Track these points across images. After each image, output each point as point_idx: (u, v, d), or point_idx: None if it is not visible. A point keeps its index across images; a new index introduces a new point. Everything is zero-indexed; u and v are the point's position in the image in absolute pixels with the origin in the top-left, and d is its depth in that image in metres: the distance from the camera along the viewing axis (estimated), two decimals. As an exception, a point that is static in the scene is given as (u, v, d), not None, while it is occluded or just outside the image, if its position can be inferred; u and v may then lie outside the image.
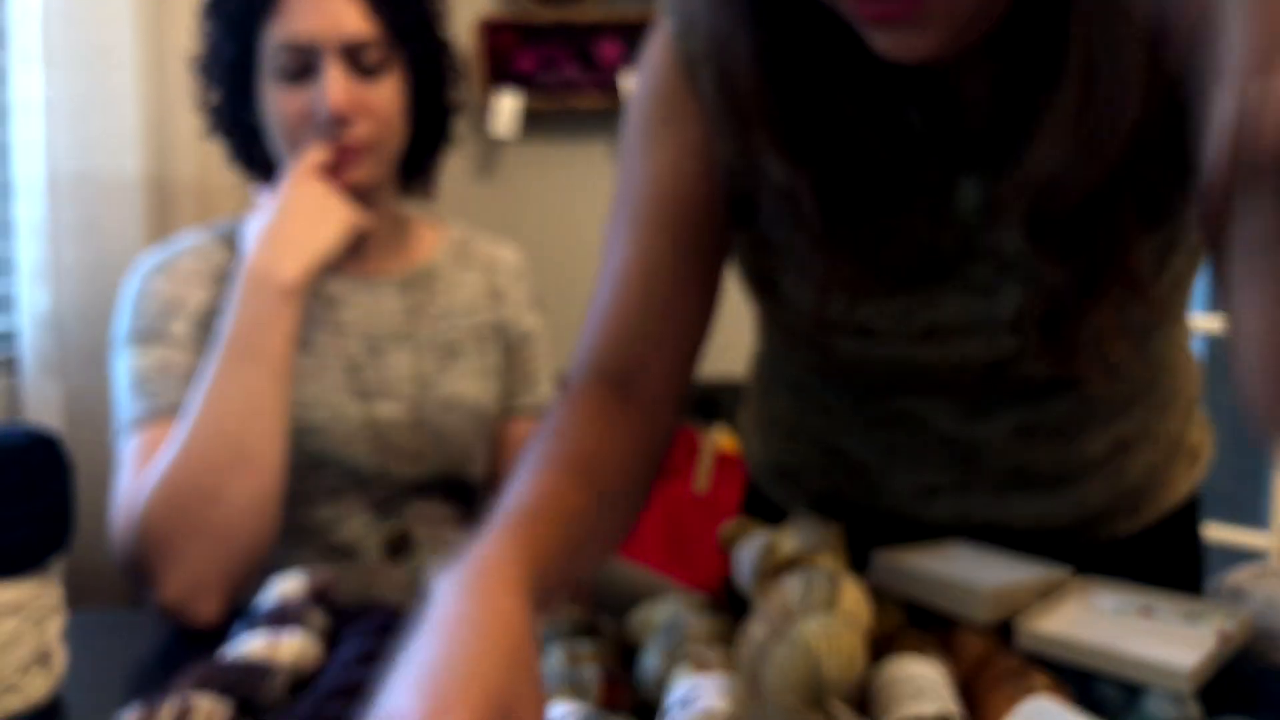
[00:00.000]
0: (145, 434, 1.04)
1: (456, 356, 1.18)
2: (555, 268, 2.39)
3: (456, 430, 1.16)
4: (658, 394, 0.79)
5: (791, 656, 0.57)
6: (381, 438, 1.12)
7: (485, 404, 1.19)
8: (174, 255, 1.13)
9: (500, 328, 1.22)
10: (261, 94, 1.09)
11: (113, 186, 1.56)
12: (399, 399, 1.14)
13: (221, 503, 0.96)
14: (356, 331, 1.15)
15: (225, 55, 1.08)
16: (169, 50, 1.70)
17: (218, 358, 1.00)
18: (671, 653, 0.71)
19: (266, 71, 1.07)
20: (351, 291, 1.16)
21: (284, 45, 1.04)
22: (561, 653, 0.73)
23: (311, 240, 1.04)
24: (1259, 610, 0.75)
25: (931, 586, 0.79)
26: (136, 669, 0.89)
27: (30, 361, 1.52)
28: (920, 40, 0.63)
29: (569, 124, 2.35)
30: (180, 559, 0.94)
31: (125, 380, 1.07)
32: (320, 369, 1.12)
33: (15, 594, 0.75)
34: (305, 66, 1.05)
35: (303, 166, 1.07)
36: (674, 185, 0.77)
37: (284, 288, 1.01)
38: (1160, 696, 0.67)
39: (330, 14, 1.03)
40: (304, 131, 1.06)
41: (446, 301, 1.20)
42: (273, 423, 0.99)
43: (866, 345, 0.79)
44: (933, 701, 0.64)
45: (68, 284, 1.53)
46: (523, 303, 1.25)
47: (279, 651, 0.74)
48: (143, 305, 1.09)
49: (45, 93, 1.48)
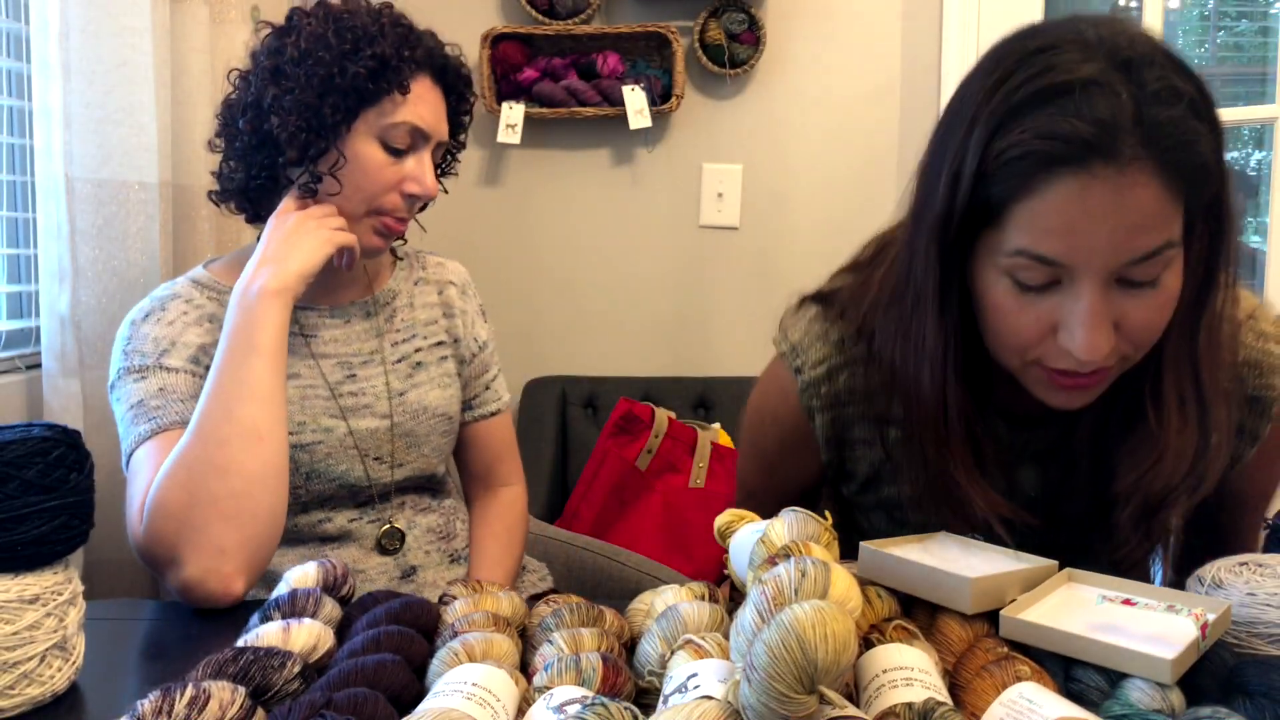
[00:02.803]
0: (155, 444, 1.09)
1: (420, 369, 1.31)
2: (556, 267, 2.41)
3: (427, 434, 1.30)
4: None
5: (783, 642, 0.58)
6: (363, 448, 1.24)
7: (450, 409, 1.33)
8: (159, 302, 1.21)
9: (456, 342, 1.36)
10: (349, 148, 1.17)
11: (130, 191, 1.59)
12: (376, 413, 1.26)
13: (235, 474, 1.02)
14: (332, 358, 1.25)
15: (340, 108, 1.16)
16: (185, 61, 1.73)
17: (220, 358, 1.08)
18: (670, 640, 0.73)
19: (365, 133, 1.17)
20: (324, 323, 1.26)
21: (407, 125, 1.18)
22: (563, 640, 0.75)
23: (289, 257, 1.13)
24: (1239, 601, 0.77)
25: (918, 577, 0.80)
26: (154, 658, 0.91)
27: (50, 360, 1.55)
28: (1087, 398, 0.90)
29: (571, 131, 2.38)
30: (198, 530, 1.00)
31: (125, 410, 1.14)
32: (305, 396, 1.22)
33: (35, 585, 0.77)
34: (409, 148, 1.19)
35: (282, 205, 1.18)
36: (794, 485, 1.12)
37: (266, 291, 1.10)
38: (1142, 685, 0.68)
39: (442, 117, 1.23)
40: (388, 198, 1.20)
41: (407, 321, 1.32)
42: (275, 406, 1.08)
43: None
44: (921, 689, 0.66)
45: (86, 285, 1.56)
46: (474, 316, 1.39)
47: (292, 640, 0.76)
48: (135, 346, 1.17)
49: (64, 101, 1.51)
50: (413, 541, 1.28)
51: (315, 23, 1.17)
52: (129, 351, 1.17)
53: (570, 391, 2.15)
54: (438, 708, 0.64)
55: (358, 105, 1.15)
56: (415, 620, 0.83)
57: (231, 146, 1.21)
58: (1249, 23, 3.94)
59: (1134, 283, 0.83)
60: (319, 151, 1.16)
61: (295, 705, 0.64)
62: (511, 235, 2.38)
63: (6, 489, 0.75)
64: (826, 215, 2.36)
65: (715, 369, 2.34)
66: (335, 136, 1.16)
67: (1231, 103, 3.72)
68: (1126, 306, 0.84)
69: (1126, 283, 0.83)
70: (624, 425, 1.97)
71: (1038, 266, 0.83)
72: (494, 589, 0.89)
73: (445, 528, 1.32)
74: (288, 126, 1.13)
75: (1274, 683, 0.69)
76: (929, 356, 0.92)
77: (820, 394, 1.04)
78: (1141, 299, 0.84)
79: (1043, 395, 0.91)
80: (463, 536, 1.36)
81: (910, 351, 0.94)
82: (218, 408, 1.05)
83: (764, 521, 0.81)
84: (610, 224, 2.41)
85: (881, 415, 1.02)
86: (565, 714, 0.63)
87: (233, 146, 1.21)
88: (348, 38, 1.15)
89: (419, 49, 1.18)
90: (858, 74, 2.34)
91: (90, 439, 1.50)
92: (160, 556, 1.01)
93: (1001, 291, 0.87)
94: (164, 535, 1.00)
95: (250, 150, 1.19)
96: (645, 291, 2.41)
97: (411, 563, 1.27)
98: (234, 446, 1.03)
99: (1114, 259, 0.81)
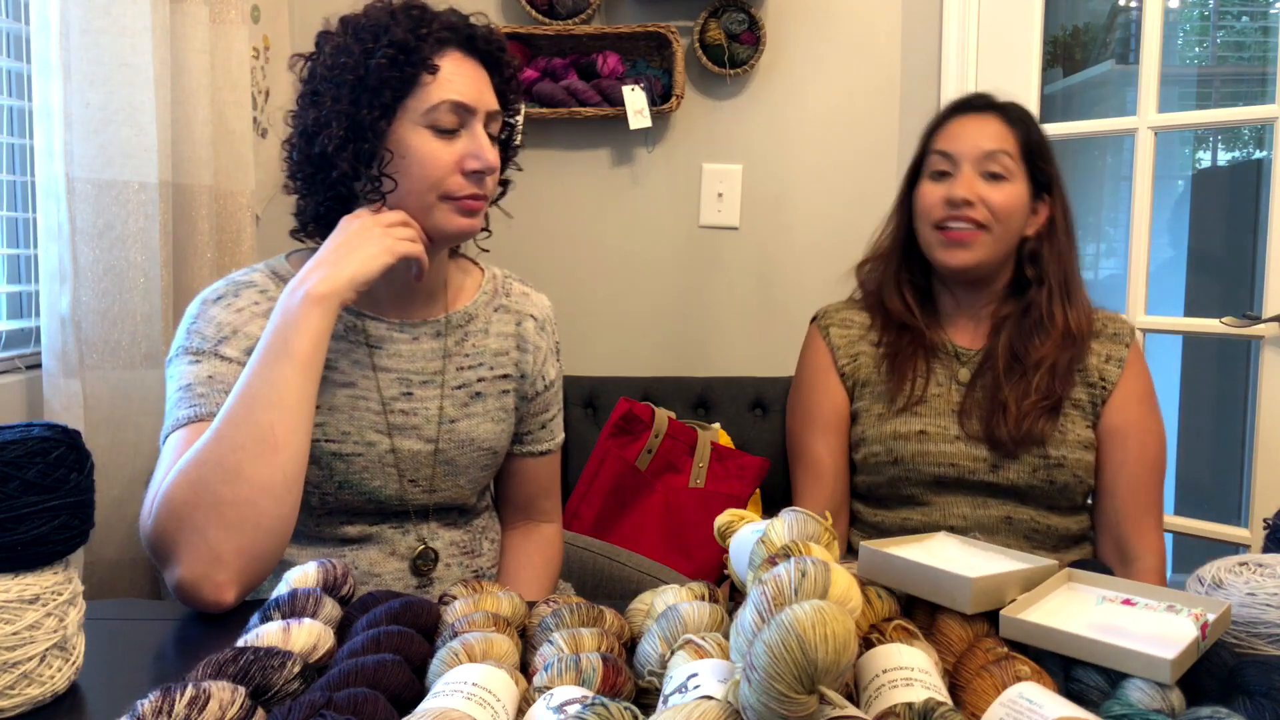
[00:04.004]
0: (188, 432, 1.09)
1: (478, 399, 1.28)
2: (556, 267, 2.41)
3: (467, 466, 1.27)
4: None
5: (783, 642, 0.58)
6: (403, 469, 1.22)
7: (498, 445, 1.30)
8: (235, 286, 1.20)
9: (522, 377, 1.32)
10: (401, 143, 1.15)
11: (130, 191, 1.59)
12: (422, 436, 1.23)
13: (243, 480, 1.00)
14: (393, 373, 1.23)
15: (376, 105, 1.14)
16: (185, 61, 1.73)
17: (255, 358, 1.07)
18: (670, 640, 0.73)
19: (411, 123, 1.15)
20: (392, 336, 1.23)
21: (447, 103, 1.15)
22: (563, 640, 0.75)
23: (344, 261, 1.10)
24: (1239, 601, 0.77)
25: (918, 577, 0.80)
26: (154, 658, 0.91)
27: (50, 360, 1.55)
28: (969, 254, 1.46)
29: (571, 131, 2.38)
30: (197, 534, 0.99)
31: (173, 389, 1.13)
32: (356, 407, 1.20)
33: (35, 585, 0.77)
34: (459, 125, 1.16)
35: (356, 211, 1.16)
36: (833, 409, 1.56)
37: (311, 296, 1.08)
38: (1142, 685, 0.68)
39: (483, 87, 1.19)
40: (452, 179, 1.16)
41: (476, 347, 1.28)
42: (298, 416, 1.05)
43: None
44: (921, 689, 0.66)
45: (86, 285, 1.56)
46: (547, 353, 1.36)
47: (292, 640, 0.77)
48: (199, 327, 1.16)
49: (64, 101, 1.51)
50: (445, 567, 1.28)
51: (336, 36, 1.18)
52: (191, 331, 1.16)
53: (570, 391, 2.15)
54: (438, 708, 0.64)
55: (393, 99, 1.14)
56: (415, 620, 0.83)
57: (297, 181, 1.21)
58: (1249, 22, 3.94)
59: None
60: (369, 155, 1.15)
61: (295, 705, 0.64)
62: (511, 235, 2.38)
63: (6, 489, 0.75)
64: (826, 215, 2.36)
65: (715, 369, 2.34)
66: (379, 135, 1.14)
67: (1231, 102, 3.72)
68: None
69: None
70: (624, 425, 1.97)
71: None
72: (494, 589, 0.89)
73: (471, 544, 1.31)
74: (333, 139, 1.14)
75: (1274, 683, 0.69)
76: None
77: (833, 318, 1.60)
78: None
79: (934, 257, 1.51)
80: (489, 556, 1.34)
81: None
82: (240, 409, 1.04)
83: (764, 521, 0.81)
84: (610, 224, 2.41)
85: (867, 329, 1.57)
86: (565, 714, 0.63)
87: (298, 180, 1.21)
88: (365, 38, 1.15)
89: (435, 25, 1.16)
90: (858, 74, 2.34)
91: (90, 439, 1.51)
92: (160, 551, 1.01)
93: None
94: (165, 531, 1.00)
95: (311, 178, 1.19)
96: (645, 291, 2.41)
97: (432, 575, 1.26)
98: (248, 452, 1.01)
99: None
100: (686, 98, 2.34)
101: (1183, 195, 3.63)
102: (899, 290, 1.54)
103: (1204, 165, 3.87)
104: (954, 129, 1.50)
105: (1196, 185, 3.65)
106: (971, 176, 1.45)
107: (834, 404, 1.54)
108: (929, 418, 1.46)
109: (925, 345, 1.51)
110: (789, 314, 2.35)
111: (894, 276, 1.55)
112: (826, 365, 1.55)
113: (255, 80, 2.06)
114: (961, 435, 1.44)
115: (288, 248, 1.28)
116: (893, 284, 1.55)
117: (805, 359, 1.61)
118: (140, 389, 1.62)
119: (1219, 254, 3.40)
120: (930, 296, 1.55)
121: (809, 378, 1.58)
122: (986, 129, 1.47)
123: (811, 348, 1.59)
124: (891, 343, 1.52)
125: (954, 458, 1.43)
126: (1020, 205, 1.46)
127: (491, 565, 1.34)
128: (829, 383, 1.54)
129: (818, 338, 1.58)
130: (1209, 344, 3.25)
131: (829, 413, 1.54)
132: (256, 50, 2.08)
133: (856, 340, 1.55)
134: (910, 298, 1.53)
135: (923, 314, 1.53)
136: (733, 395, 2.12)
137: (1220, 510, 2.69)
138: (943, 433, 1.45)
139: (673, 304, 2.41)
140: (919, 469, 1.44)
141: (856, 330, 1.56)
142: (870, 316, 1.57)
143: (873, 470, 1.48)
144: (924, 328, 1.51)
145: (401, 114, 1.15)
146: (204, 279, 1.76)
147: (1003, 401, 1.43)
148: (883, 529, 1.48)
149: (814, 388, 1.56)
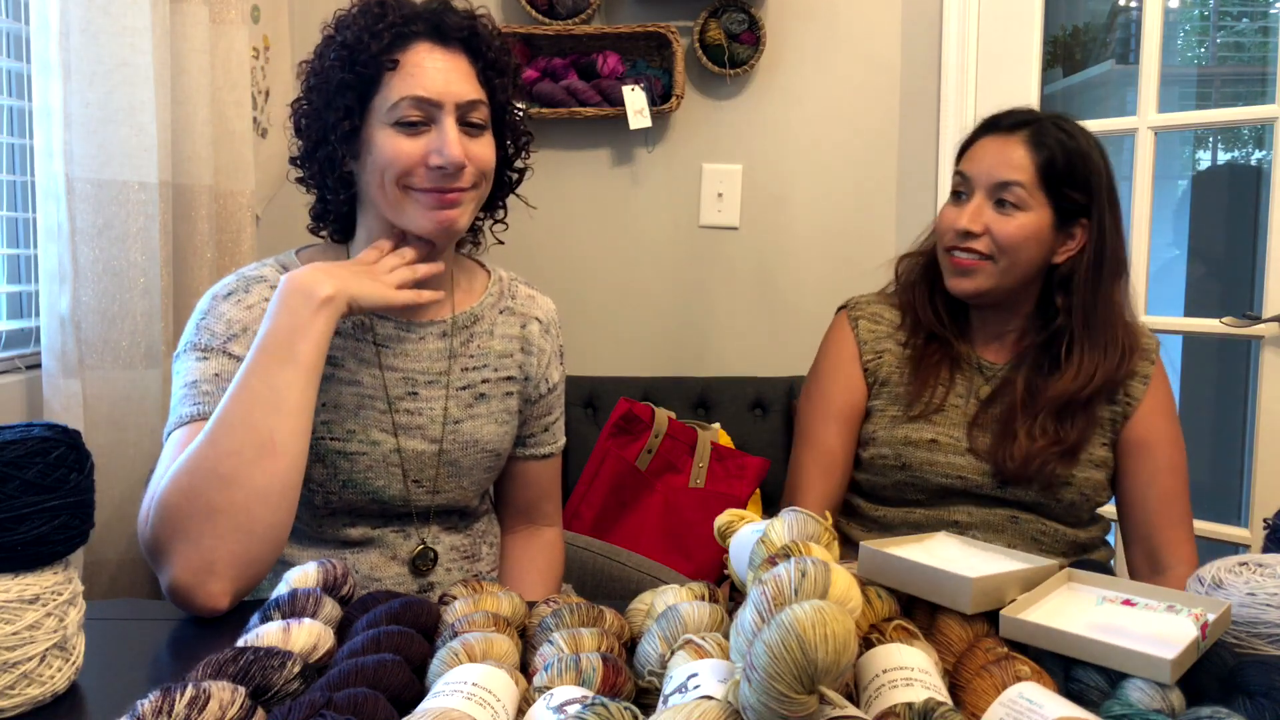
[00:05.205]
0: (189, 430, 1.07)
1: (483, 401, 1.27)
2: (556, 267, 2.41)
3: (470, 468, 1.27)
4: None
5: (783, 642, 0.58)
6: (407, 468, 1.22)
7: (501, 447, 1.30)
8: (245, 282, 1.19)
9: (526, 380, 1.32)
10: (369, 142, 1.14)
11: (130, 191, 1.59)
12: (427, 436, 1.23)
13: (238, 486, 0.98)
14: (399, 372, 1.22)
15: (339, 107, 1.14)
16: (185, 61, 1.73)
17: (252, 358, 1.04)
18: (670, 640, 0.73)
19: (379, 122, 1.13)
20: (399, 335, 1.22)
21: (408, 99, 1.12)
22: (563, 640, 0.75)
23: (354, 280, 1.10)
24: (1239, 601, 0.77)
25: (918, 577, 0.80)
26: (154, 658, 0.91)
27: (50, 360, 1.55)
28: (971, 284, 1.44)
29: (571, 131, 2.38)
30: (193, 538, 0.97)
31: (179, 385, 1.12)
32: (362, 405, 1.20)
33: (35, 585, 0.77)
34: (425, 119, 1.13)
35: (381, 242, 1.17)
36: (851, 401, 1.54)
37: (320, 299, 1.06)
38: (1142, 685, 0.68)
39: (454, 77, 1.15)
40: (416, 174, 1.14)
41: (482, 348, 1.28)
42: (298, 420, 1.03)
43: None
44: (921, 689, 0.66)
45: (86, 285, 1.56)
46: (551, 356, 1.35)
47: (292, 640, 0.77)
48: (208, 323, 1.15)
49: (64, 101, 1.51)
50: (445, 568, 1.27)
51: (319, 44, 1.18)
52: (201, 326, 1.15)
53: (570, 391, 2.15)
54: (438, 708, 0.64)
55: (357, 100, 1.13)
56: (415, 620, 0.83)
57: (308, 183, 1.22)
58: (1249, 22, 3.94)
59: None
60: (344, 155, 1.15)
61: (295, 705, 0.64)
62: (511, 235, 2.38)
63: (6, 489, 0.75)
64: (826, 215, 2.36)
65: (715, 369, 2.34)
66: (345, 138, 1.14)
67: (1231, 103, 3.72)
68: None
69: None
70: (624, 425, 1.97)
71: None
72: (494, 589, 0.89)
73: (471, 548, 1.31)
74: (311, 141, 1.15)
75: (1274, 683, 0.69)
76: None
77: (864, 310, 1.58)
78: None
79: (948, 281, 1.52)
80: (489, 560, 1.34)
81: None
82: (237, 412, 1.01)
83: (764, 521, 0.81)
84: (610, 224, 2.41)
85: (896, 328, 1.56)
86: (565, 714, 0.63)
87: (308, 183, 1.22)
88: (333, 42, 1.15)
89: (392, 19, 1.13)
90: (858, 74, 2.34)
91: (90, 439, 1.51)
92: (154, 556, 1.00)
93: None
94: (159, 538, 0.99)
95: (312, 178, 1.20)
96: (645, 291, 2.41)
97: (432, 579, 1.26)
98: (244, 457, 0.99)
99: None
100: (686, 98, 2.34)
101: (1183, 195, 3.63)
102: (930, 299, 1.52)
103: (1204, 165, 3.87)
104: (977, 150, 1.46)
105: (1196, 185, 3.65)
106: (981, 204, 1.41)
107: (852, 396, 1.53)
108: (943, 427, 1.45)
109: (951, 355, 1.49)
110: (789, 314, 2.35)
111: (927, 284, 1.53)
112: (851, 356, 1.54)
113: (255, 80, 2.06)
114: (972, 449, 1.44)
115: (287, 248, 1.27)
116: (925, 291, 1.53)
117: (829, 347, 1.58)
118: (140, 389, 1.62)
119: (1219, 254, 3.40)
120: (963, 308, 1.53)
121: (831, 366, 1.56)
122: (1006, 154, 1.42)
123: (838, 337, 1.57)
124: (918, 347, 1.51)
125: (962, 470, 1.43)
126: (1034, 236, 1.40)
127: (491, 569, 1.34)
128: (851, 374, 1.53)
129: (846, 328, 1.56)
130: (1209, 344, 3.25)
131: (846, 404, 1.52)
132: (256, 50, 2.08)
133: (884, 337, 1.54)
134: (941, 308, 1.51)
135: (952, 325, 1.51)
136: (733, 395, 2.13)
137: (1220, 510, 2.69)
138: (955, 444, 1.44)
139: (673, 304, 2.41)
140: (925, 477, 1.44)
141: (885, 327, 1.54)
142: (901, 315, 1.55)
143: (878, 472, 1.48)
144: (952, 338, 1.50)
145: (370, 114, 1.14)
146: (204, 279, 1.76)
147: (1014, 432, 1.41)
148: (884, 524, 1.47)
149: (835, 378, 1.54)
